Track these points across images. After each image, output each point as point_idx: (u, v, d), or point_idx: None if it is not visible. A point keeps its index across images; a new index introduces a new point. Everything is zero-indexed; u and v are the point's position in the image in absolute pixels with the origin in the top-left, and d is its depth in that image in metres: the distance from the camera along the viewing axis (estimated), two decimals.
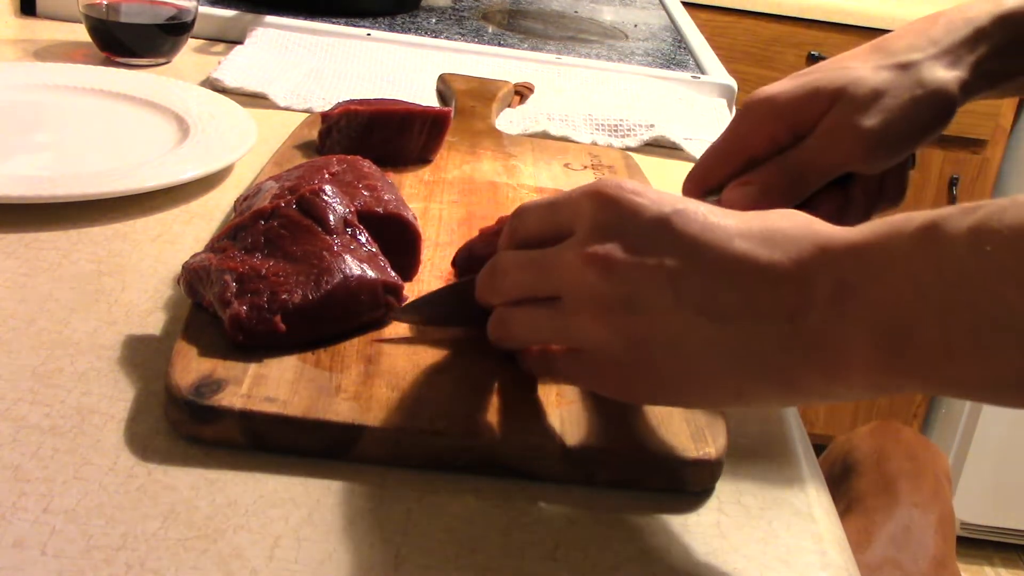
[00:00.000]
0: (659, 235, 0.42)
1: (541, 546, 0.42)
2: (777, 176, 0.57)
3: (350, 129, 0.73)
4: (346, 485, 0.44)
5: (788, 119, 0.57)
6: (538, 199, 0.48)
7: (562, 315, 0.44)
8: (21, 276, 0.57)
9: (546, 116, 0.94)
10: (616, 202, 0.43)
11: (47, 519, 0.40)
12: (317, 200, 0.53)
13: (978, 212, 0.36)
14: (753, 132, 0.58)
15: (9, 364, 0.49)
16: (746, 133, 0.58)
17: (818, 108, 0.56)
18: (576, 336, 0.44)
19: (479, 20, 1.27)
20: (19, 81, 0.83)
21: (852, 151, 0.56)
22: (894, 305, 0.37)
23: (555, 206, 0.46)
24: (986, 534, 2.08)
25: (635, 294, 0.42)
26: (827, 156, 0.56)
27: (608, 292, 0.42)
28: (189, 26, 0.98)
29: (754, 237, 0.41)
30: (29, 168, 0.70)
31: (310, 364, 0.48)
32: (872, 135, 0.55)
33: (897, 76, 0.56)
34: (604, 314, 0.42)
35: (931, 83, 0.56)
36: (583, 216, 0.44)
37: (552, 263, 0.45)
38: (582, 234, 0.44)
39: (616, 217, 0.43)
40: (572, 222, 0.45)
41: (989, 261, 0.35)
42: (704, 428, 0.48)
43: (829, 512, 0.48)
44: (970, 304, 0.35)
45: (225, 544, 0.40)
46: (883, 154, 0.56)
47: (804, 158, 0.56)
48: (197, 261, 0.52)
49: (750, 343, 0.40)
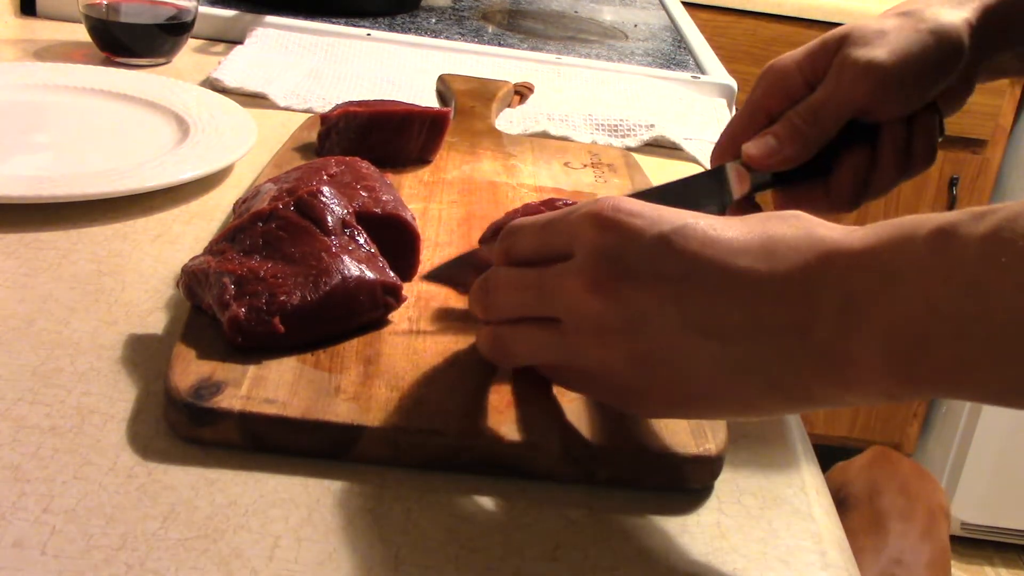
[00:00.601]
0: (659, 256, 0.41)
1: (541, 546, 0.42)
2: (793, 123, 0.58)
3: (349, 130, 0.73)
4: (346, 485, 0.44)
5: (801, 74, 0.59)
6: (533, 218, 0.47)
7: (564, 337, 0.44)
8: (21, 276, 0.57)
9: (546, 116, 0.94)
10: (615, 225, 0.42)
11: (47, 519, 0.40)
12: (315, 201, 0.53)
13: (989, 219, 0.35)
14: (769, 94, 0.60)
15: (9, 364, 0.49)
16: (763, 96, 0.60)
17: (827, 57, 0.58)
18: (579, 357, 0.44)
19: (479, 20, 1.27)
20: (19, 81, 0.83)
21: (860, 86, 0.56)
22: (905, 320, 0.36)
23: (551, 227, 0.45)
24: (986, 534, 2.08)
25: (638, 318, 0.41)
26: (838, 94, 0.57)
27: (611, 317, 0.42)
28: (189, 26, 0.98)
29: (755, 250, 0.40)
30: (29, 168, 0.70)
31: (309, 365, 0.48)
32: (879, 68, 0.56)
33: (902, 19, 0.58)
34: (607, 338, 0.42)
35: (935, 22, 0.57)
36: (581, 240, 0.43)
37: (552, 287, 0.44)
38: (581, 259, 0.43)
39: (615, 240, 0.42)
40: (569, 244, 0.44)
41: (1005, 274, 0.34)
42: (704, 425, 0.48)
43: (829, 512, 0.48)
44: (986, 317, 0.35)
45: (225, 544, 0.40)
46: (894, 91, 0.56)
47: (817, 100, 0.58)
48: (196, 264, 0.52)
49: (758, 359, 0.40)
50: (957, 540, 1.24)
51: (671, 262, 0.41)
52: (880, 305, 0.37)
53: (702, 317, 0.40)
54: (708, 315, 0.40)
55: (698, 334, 0.40)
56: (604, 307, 0.42)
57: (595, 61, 1.12)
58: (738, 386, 0.40)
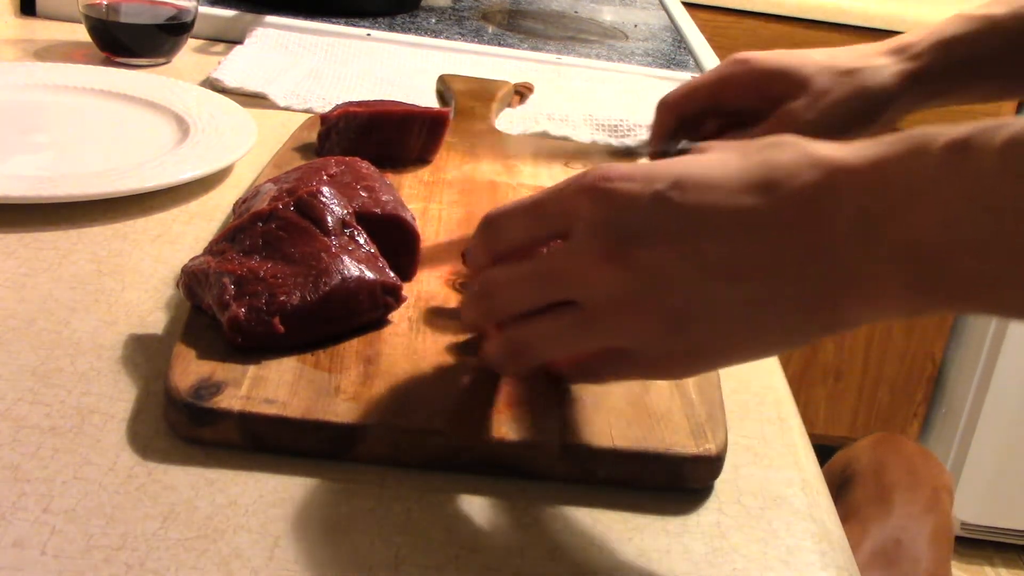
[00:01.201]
0: (662, 216, 0.40)
1: (541, 546, 0.42)
2: None
3: (349, 131, 0.73)
4: (346, 485, 0.44)
5: (759, 87, 0.70)
6: (510, 205, 0.45)
7: (587, 320, 0.42)
8: (21, 276, 0.57)
9: (546, 116, 0.94)
10: (609, 193, 0.41)
11: (47, 519, 0.40)
12: (315, 201, 0.53)
13: (1005, 131, 0.34)
14: (729, 83, 0.71)
15: (9, 364, 0.49)
16: (724, 80, 0.71)
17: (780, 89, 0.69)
18: (609, 336, 0.42)
19: (479, 20, 1.27)
20: (19, 81, 0.83)
21: None
22: (922, 238, 0.36)
23: (538, 209, 0.44)
24: (986, 534, 2.08)
25: (660, 278, 0.40)
26: None
27: (633, 283, 0.40)
28: (189, 26, 0.98)
29: (757, 185, 0.39)
30: (29, 168, 0.70)
31: (309, 365, 0.48)
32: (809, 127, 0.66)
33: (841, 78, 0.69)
34: (633, 308, 0.41)
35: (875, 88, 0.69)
36: (577, 215, 0.42)
37: (560, 269, 0.42)
38: (583, 234, 0.41)
39: (614, 209, 0.41)
40: (565, 223, 0.42)
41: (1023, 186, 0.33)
42: (704, 424, 0.48)
43: (829, 512, 0.48)
44: (1005, 232, 0.34)
45: (225, 544, 0.40)
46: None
47: None
48: (196, 264, 0.52)
49: (787, 291, 0.39)
50: (957, 540, 1.24)
51: (676, 219, 0.40)
52: (895, 222, 0.36)
53: (722, 265, 0.39)
54: (727, 261, 0.39)
55: (723, 281, 0.39)
56: (624, 275, 0.40)
57: (595, 61, 1.12)
58: (774, 321, 0.40)
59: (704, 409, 0.49)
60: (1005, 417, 1.96)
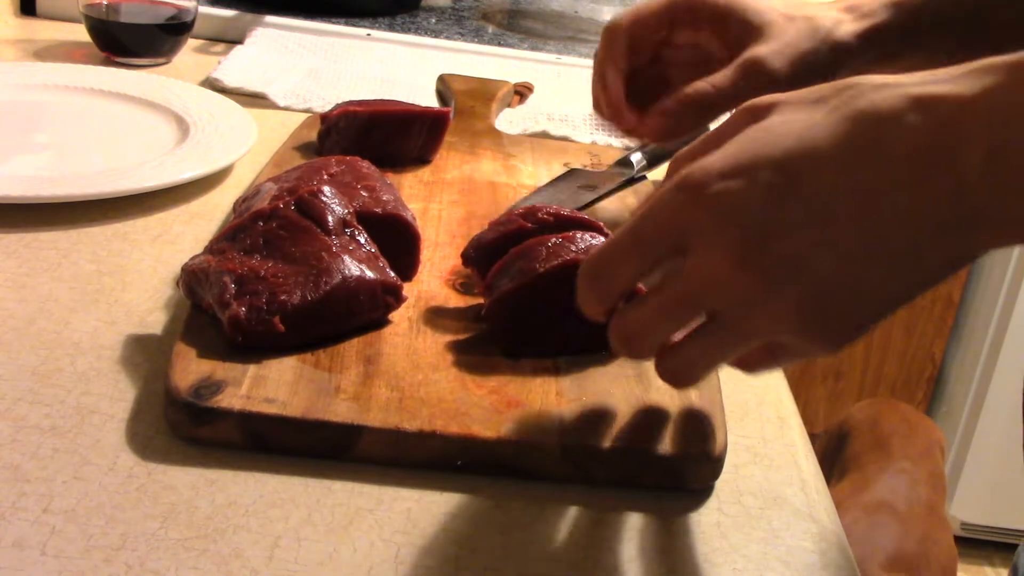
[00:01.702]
0: (782, 206, 0.39)
1: (541, 546, 0.42)
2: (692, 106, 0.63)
3: (349, 130, 0.73)
4: (346, 485, 0.44)
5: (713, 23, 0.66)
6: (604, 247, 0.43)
7: (737, 327, 0.41)
8: (21, 276, 0.57)
9: (546, 116, 0.94)
10: (717, 199, 0.39)
11: (47, 519, 0.40)
12: (315, 201, 0.53)
13: None
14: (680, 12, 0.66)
15: (9, 364, 0.49)
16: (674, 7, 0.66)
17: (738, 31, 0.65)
18: (761, 335, 0.41)
19: (479, 20, 1.27)
20: (19, 81, 0.83)
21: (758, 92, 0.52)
22: None
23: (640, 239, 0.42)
24: (986, 534, 2.08)
25: (796, 271, 0.39)
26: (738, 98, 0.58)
27: (772, 284, 0.39)
28: (189, 26, 0.98)
29: (862, 148, 0.38)
30: (29, 168, 0.70)
31: (309, 365, 0.48)
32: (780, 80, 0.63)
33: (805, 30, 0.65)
34: (778, 304, 0.40)
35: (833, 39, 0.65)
36: (689, 231, 0.40)
37: (696, 292, 0.41)
38: (708, 248, 0.40)
39: (730, 214, 0.39)
40: (677, 243, 0.41)
41: None
42: (704, 424, 0.48)
43: (829, 512, 0.48)
44: None
45: (225, 544, 0.40)
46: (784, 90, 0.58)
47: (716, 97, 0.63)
48: (196, 263, 0.52)
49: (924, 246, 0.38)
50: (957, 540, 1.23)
51: (795, 208, 0.39)
52: None
53: (853, 242, 0.38)
54: (858, 237, 0.38)
55: (859, 257, 0.39)
56: (761, 276, 0.39)
57: None
58: (911, 275, 0.39)
59: (704, 409, 0.49)
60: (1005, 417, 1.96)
